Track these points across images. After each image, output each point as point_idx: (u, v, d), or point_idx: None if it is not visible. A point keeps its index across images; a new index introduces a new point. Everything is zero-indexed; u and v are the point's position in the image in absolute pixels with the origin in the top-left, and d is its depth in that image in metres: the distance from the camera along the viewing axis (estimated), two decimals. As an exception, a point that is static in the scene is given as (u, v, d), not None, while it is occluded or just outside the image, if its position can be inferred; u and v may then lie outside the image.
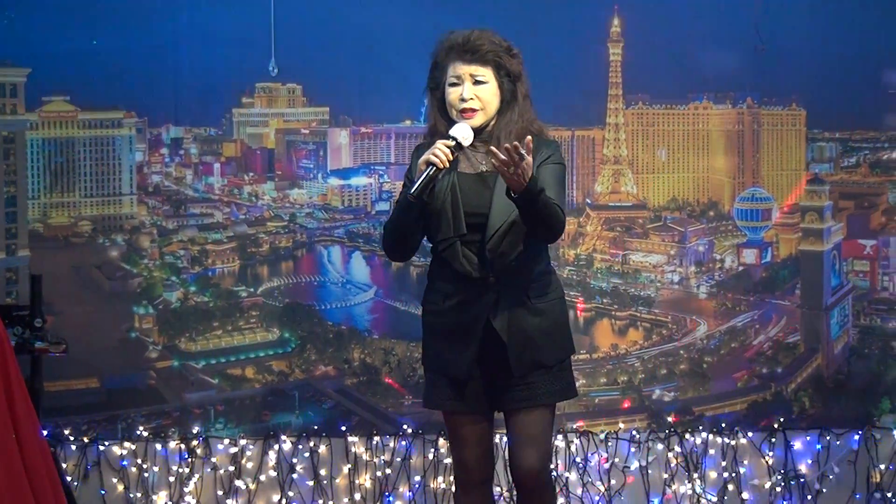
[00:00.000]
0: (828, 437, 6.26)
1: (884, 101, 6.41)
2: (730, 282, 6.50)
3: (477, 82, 3.95)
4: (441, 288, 4.04)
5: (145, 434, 6.22)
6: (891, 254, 6.47)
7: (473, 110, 3.95)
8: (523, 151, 3.65)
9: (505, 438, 4.63)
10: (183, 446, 6.21)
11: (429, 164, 3.81)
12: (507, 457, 4.25)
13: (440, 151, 3.81)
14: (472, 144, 3.96)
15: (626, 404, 6.39)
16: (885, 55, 6.37)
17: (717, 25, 6.35)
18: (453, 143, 3.85)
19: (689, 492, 6.19)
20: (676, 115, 6.51)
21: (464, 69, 3.96)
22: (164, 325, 6.34)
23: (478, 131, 3.98)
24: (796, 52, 6.37)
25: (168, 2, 6.27)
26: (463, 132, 3.89)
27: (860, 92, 6.40)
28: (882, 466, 6.24)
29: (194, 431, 6.24)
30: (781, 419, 6.29)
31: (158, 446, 6.21)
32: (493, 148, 3.73)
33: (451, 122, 3.98)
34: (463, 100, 3.94)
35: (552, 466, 5.98)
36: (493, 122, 4.01)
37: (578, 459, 6.20)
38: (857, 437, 6.26)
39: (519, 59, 4.04)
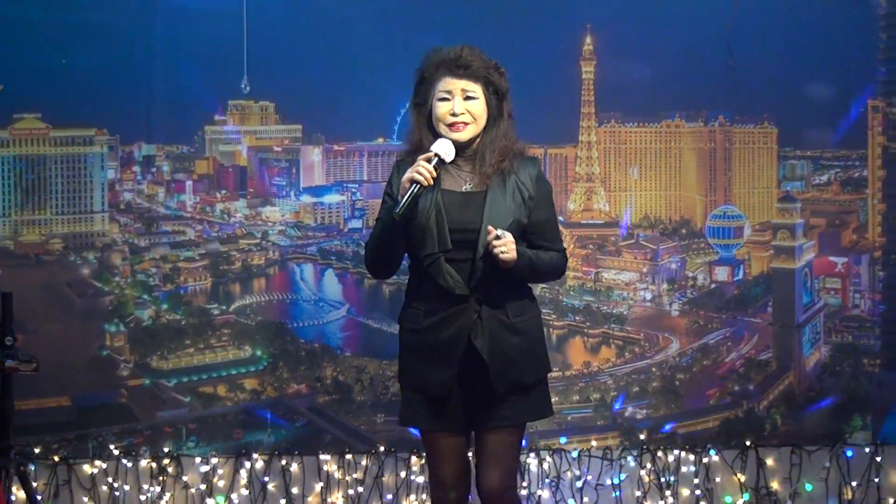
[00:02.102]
0: (800, 455, 6.27)
1: (855, 119, 6.45)
2: (702, 299, 6.52)
3: (468, 97, 3.95)
4: (420, 306, 4.01)
5: (116, 453, 6.19)
6: (862, 271, 6.50)
7: (465, 123, 3.95)
8: (500, 235, 3.80)
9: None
10: (154, 465, 6.18)
11: (412, 181, 3.81)
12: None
13: (423, 169, 3.81)
14: (455, 163, 3.97)
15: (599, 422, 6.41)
16: (856, 74, 6.41)
17: (689, 44, 6.37)
18: (435, 159, 3.85)
19: (662, 509, 6.21)
20: (649, 132, 6.53)
21: (455, 84, 3.95)
22: (136, 342, 6.32)
23: (463, 147, 3.99)
24: (768, 71, 6.41)
25: (140, 19, 6.27)
26: (445, 148, 3.88)
27: (831, 110, 6.43)
28: (854, 483, 6.25)
29: (166, 450, 6.22)
30: (753, 436, 6.30)
31: (130, 465, 6.19)
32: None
33: (438, 137, 3.96)
34: (454, 114, 3.93)
35: (523, 485, 6.04)
36: (477, 141, 4.01)
37: (551, 477, 6.19)
38: (828, 454, 6.27)
39: (506, 77, 4.04)
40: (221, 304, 6.38)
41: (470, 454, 4.10)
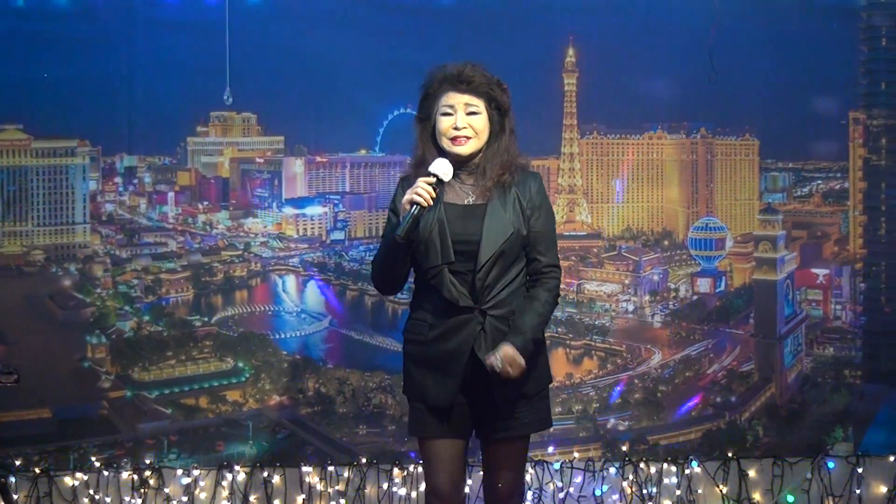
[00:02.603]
0: (781, 466, 6.28)
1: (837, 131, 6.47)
2: (684, 311, 6.53)
3: (470, 112, 4.04)
4: (425, 318, 4.10)
5: (98, 464, 6.18)
6: (843, 283, 6.52)
7: (467, 138, 4.03)
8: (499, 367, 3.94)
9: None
10: (136, 477, 6.17)
11: (412, 203, 3.89)
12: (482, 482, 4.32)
13: (423, 190, 3.89)
14: (458, 177, 4.07)
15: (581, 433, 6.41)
16: (837, 86, 6.43)
17: (671, 56, 6.39)
18: (434, 179, 3.92)
19: (644, 521, 6.21)
20: (631, 144, 6.54)
21: (458, 99, 4.05)
22: (117, 354, 6.30)
23: (465, 161, 4.07)
24: (750, 83, 6.43)
25: (122, 31, 6.26)
26: (443, 168, 3.96)
27: (813, 122, 6.45)
28: (836, 494, 6.26)
29: (147, 462, 6.21)
30: (735, 448, 6.31)
31: (111, 477, 6.17)
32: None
33: (441, 151, 4.05)
34: (456, 128, 4.02)
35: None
36: (479, 155, 4.09)
37: (533, 489, 6.19)
38: (810, 465, 6.28)
39: (508, 94, 4.15)
40: (203, 316, 6.37)
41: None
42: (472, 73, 4.07)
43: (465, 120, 4.03)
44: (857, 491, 6.26)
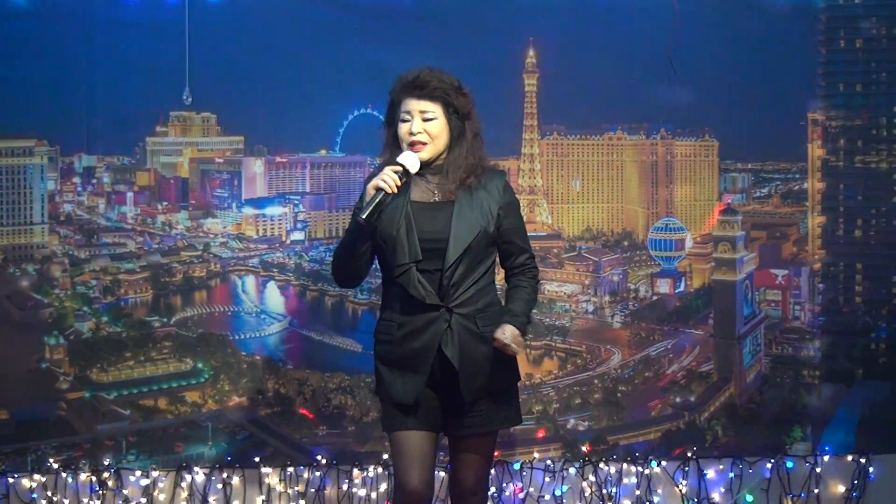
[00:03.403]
0: (740, 466, 6.30)
1: (795, 132, 6.51)
2: (644, 311, 6.54)
3: (426, 118, 4.10)
4: (393, 318, 4.15)
5: (56, 466, 6.14)
6: (802, 283, 6.55)
7: (423, 143, 4.10)
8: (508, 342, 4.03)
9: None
10: (94, 478, 6.14)
11: (378, 189, 3.98)
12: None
13: (388, 177, 3.98)
14: (424, 176, 4.14)
15: (541, 433, 6.40)
16: (796, 87, 6.47)
17: (631, 57, 6.40)
18: (401, 169, 4.02)
19: (603, 521, 6.22)
20: (591, 145, 6.55)
21: (413, 105, 4.11)
22: (76, 355, 6.27)
23: (429, 163, 4.14)
24: (709, 85, 6.45)
25: (81, 30, 6.23)
26: (410, 159, 4.05)
27: (772, 123, 6.48)
28: (794, 494, 6.29)
29: (106, 463, 6.17)
30: (695, 448, 6.33)
31: (69, 479, 6.14)
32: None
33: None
34: (412, 133, 4.09)
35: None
36: (443, 157, 4.15)
37: (493, 490, 6.19)
38: (769, 465, 6.31)
39: (469, 98, 4.19)
40: (162, 317, 6.34)
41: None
42: (427, 78, 4.11)
43: (420, 126, 4.09)
44: (816, 490, 6.29)
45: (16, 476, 6.10)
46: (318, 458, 6.21)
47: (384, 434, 4.28)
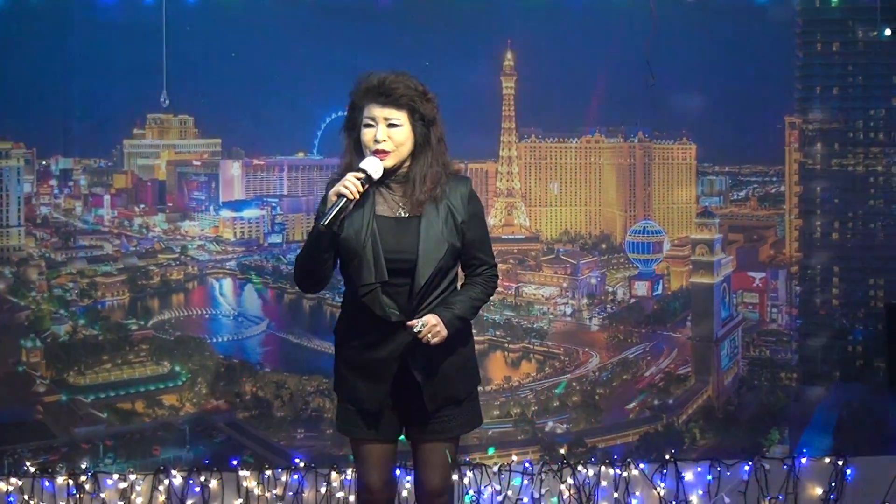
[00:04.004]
0: (718, 468, 6.31)
1: (773, 135, 6.52)
2: (622, 314, 6.55)
3: (391, 125, 4.05)
4: (358, 323, 4.13)
5: (32, 470, 6.12)
6: (779, 286, 6.56)
7: (386, 152, 4.04)
8: (419, 329, 3.98)
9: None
10: (71, 482, 6.11)
11: (339, 195, 3.93)
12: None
13: (350, 183, 3.93)
14: (389, 187, 4.10)
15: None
16: (773, 91, 6.48)
17: (609, 60, 6.41)
18: (363, 175, 3.97)
19: (581, 524, 6.22)
20: (569, 148, 6.55)
21: (378, 111, 4.05)
22: (53, 358, 6.24)
23: (392, 172, 4.09)
24: (687, 88, 6.47)
25: (58, 32, 6.20)
26: (373, 165, 4.00)
27: (749, 126, 6.50)
28: (772, 496, 6.30)
29: (83, 467, 6.15)
30: (673, 450, 6.33)
31: (46, 482, 6.11)
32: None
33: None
34: (376, 141, 4.03)
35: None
36: (407, 164, 4.11)
37: (472, 492, 6.19)
38: (746, 467, 6.32)
39: (434, 103, 4.15)
40: (139, 320, 6.32)
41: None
42: (392, 85, 4.05)
43: (385, 133, 4.04)
44: (794, 492, 6.31)
45: (-8, 480, 6.09)
46: (296, 460, 6.20)
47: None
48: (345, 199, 3.92)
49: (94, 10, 6.22)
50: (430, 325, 4.00)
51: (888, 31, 6.41)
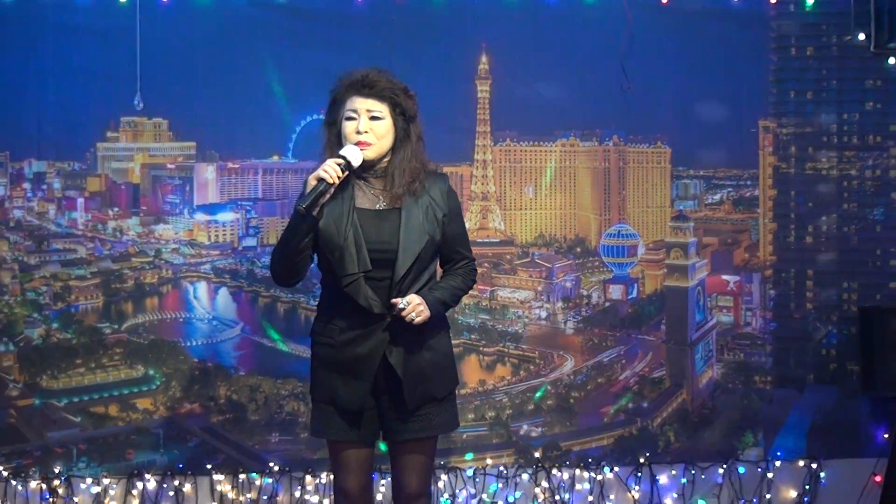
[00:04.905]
0: (692, 471, 6.34)
1: (747, 139, 6.54)
2: (596, 317, 6.55)
3: (373, 118, 4.10)
4: (336, 322, 4.14)
5: (5, 474, 6.10)
6: (754, 289, 6.58)
7: (368, 143, 4.08)
8: (403, 306, 4.01)
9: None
10: (44, 486, 6.10)
11: (319, 179, 3.97)
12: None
13: (330, 168, 3.97)
14: (368, 181, 4.14)
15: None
16: (747, 95, 6.50)
17: (584, 64, 6.43)
18: (343, 161, 4.00)
19: (555, 527, 6.24)
20: (544, 151, 6.56)
21: (361, 104, 4.10)
22: (26, 362, 6.21)
23: (372, 166, 4.13)
24: (661, 92, 6.49)
25: (31, 34, 6.18)
26: (353, 153, 4.04)
27: (723, 130, 6.52)
28: (746, 499, 6.33)
29: (56, 471, 6.14)
30: (647, 453, 6.35)
31: (19, 487, 6.10)
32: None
33: None
34: (358, 132, 4.08)
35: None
36: (387, 159, 4.15)
37: (446, 496, 6.19)
38: (721, 470, 6.35)
39: (415, 100, 4.22)
40: (113, 323, 6.29)
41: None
42: (376, 78, 4.12)
43: (367, 124, 4.09)
44: (768, 496, 6.35)
45: (-36, 484, 6.06)
46: (271, 464, 6.20)
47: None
48: (324, 183, 3.96)
49: (67, 13, 6.20)
50: (414, 304, 4.03)
51: (861, 36, 6.43)
